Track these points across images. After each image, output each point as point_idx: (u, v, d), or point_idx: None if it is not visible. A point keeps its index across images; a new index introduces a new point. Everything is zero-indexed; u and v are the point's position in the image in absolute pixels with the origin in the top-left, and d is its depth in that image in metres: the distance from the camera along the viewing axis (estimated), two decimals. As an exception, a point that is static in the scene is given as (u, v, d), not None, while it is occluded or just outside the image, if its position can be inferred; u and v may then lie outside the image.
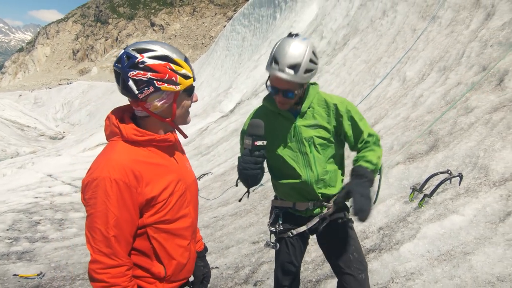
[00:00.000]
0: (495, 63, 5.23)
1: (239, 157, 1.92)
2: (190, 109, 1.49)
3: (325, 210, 1.99)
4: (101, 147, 20.97)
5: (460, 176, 3.36)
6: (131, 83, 1.29)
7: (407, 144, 4.77)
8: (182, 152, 1.58)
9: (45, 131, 43.18)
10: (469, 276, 2.28)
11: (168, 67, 1.30)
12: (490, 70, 5.14)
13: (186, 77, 1.35)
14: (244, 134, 1.96)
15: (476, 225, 2.71)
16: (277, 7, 20.98)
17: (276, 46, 1.78)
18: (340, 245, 1.95)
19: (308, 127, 1.89)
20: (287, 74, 1.72)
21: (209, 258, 4.36)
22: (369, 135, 1.92)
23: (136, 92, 1.30)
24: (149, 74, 1.28)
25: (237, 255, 4.19)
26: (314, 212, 2.00)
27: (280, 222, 2.03)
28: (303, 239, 2.09)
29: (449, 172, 3.49)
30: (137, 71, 1.28)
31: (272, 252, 3.91)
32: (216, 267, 3.98)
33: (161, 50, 1.31)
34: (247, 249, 4.26)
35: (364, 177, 1.77)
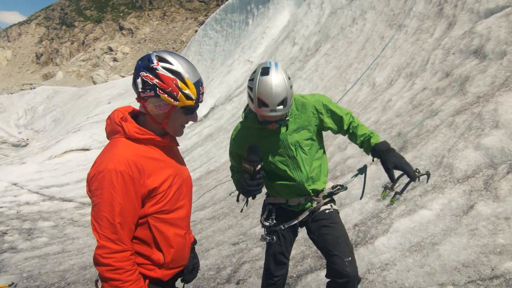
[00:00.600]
0: (459, 70, 5.61)
1: (233, 176, 2.19)
2: None
3: (314, 204, 2.17)
4: (69, 154, 20.33)
5: (428, 174, 3.60)
6: (139, 80, 1.43)
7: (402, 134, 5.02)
8: (177, 150, 1.68)
9: (7, 138, 41.14)
10: (438, 264, 2.48)
11: (174, 82, 1.42)
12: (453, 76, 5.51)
13: (188, 97, 1.46)
14: (232, 154, 2.17)
15: (442, 218, 2.94)
16: (250, 13, 21.22)
17: (257, 87, 1.85)
18: (327, 231, 2.10)
19: (292, 132, 2.06)
20: (279, 111, 1.88)
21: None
22: (346, 114, 2.15)
23: (140, 90, 1.44)
24: (155, 81, 1.41)
25: (217, 256, 4.25)
26: (306, 206, 2.18)
27: (274, 217, 2.18)
28: (293, 231, 2.25)
29: (418, 171, 3.72)
30: (147, 74, 1.41)
31: (253, 251, 4.02)
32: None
33: (176, 66, 1.43)
34: (228, 250, 4.33)
35: (389, 149, 2.08)
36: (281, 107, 1.87)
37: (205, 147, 12.16)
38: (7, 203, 10.46)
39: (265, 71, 1.86)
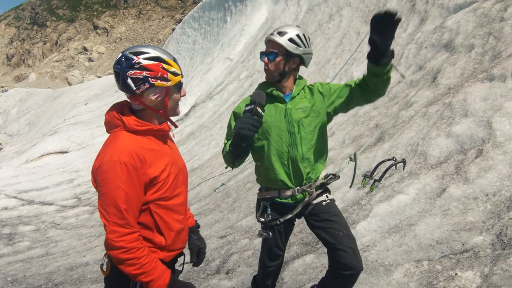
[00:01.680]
0: (431, 63, 5.88)
1: (224, 149, 2.13)
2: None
3: (307, 197, 2.16)
4: (47, 157, 19.85)
5: (404, 162, 3.81)
6: (129, 81, 1.52)
7: (363, 147, 5.22)
8: (172, 141, 1.79)
9: (-20, 143, 39.72)
10: (414, 242, 2.67)
11: (160, 66, 1.54)
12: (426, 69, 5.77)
13: (175, 74, 1.60)
14: (235, 114, 2.17)
15: (418, 201, 3.14)
16: (227, 11, 21.24)
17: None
18: (328, 224, 2.11)
19: (298, 109, 2.11)
20: (275, 36, 2.07)
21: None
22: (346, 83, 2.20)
23: (134, 88, 1.53)
24: (144, 73, 1.52)
25: (206, 249, 4.35)
26: (299, 198, 2.16)
27: (269, 212, 2.18)
28: (289, 224, 2.27)
29: (394, 159, 3.93)
30: (134, 71, 1.51)
31: (241, 243, 4.14)
32: (187, 262, 4.11)
33: (153, 52, 1.55)
34: (215, 243, 4.44)
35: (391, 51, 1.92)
36: (278, 35, 2.06)
37: (188, 145, 12.17)
38: (-17, 209, 10.20)
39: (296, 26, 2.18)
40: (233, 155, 2.03)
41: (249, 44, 16.18)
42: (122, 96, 1.61)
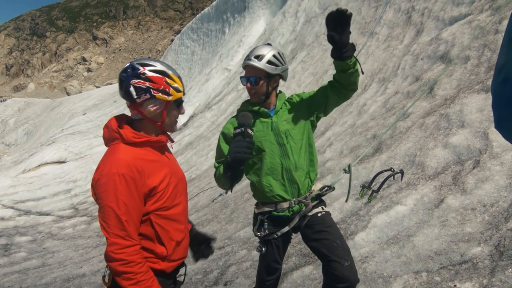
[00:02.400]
0: (428, 74, 5.95)
1: (216, 172, 2.15)
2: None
3: (304, 208, 2.18)
4: (44, 167, 19.77)
5: (402, 173, 3.82)
6: (132, 89, 1.56)
7: (360, 157, 5.24)
8: (170, 152, 1.80)
9: (-23, 153, 39.54)
10: (413, 253, 2.67)
11: (164, 80, 1.59)
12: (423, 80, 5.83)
13: (177, 90, 1.64)
14: (224, 134, 2.22)
15: (416, 212, 3.14)
16: (226, 22, 21.44)
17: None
18: (323, 236, 2.12)
19: (283, 121, 2.19)
20: (253, 61, 2.10)
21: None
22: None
23: (135, 97, 1.57)
24: (147, 83, 1.56)
25: (203, 261, 4.32)
26: (295, 209, 2.18)
27: (265, 227, 2.20)
28: (286, 238, 2.28)
29: (392, 169, 3.94)
30: (138, 80, 1.56)
31: (239, 254, 4.12)
32: (185, 274, 4.08)
33: (159, 66, 1.60)
34: (214, 254, 4.40)
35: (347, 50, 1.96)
36: (255, 59, 2.10)
37: (186, 156, 12.16)
38: (-20, 220, 10.12)
39: (267, 44, 2.20)
40: (231, 179, 2.04)
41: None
42: (120, 107, 1.62)
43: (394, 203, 3.41)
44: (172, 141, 1.77)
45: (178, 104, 1.69)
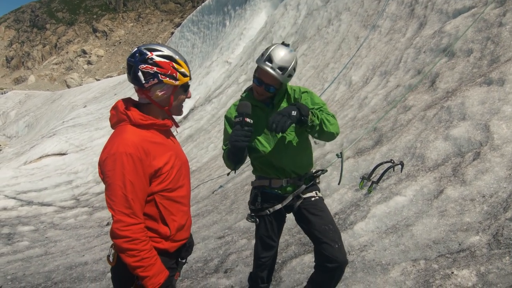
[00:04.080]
0: (430, 67, 5.94)
1: (224, 154, 2.25)
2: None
3: (297, 189, 2.29)
4: (45, 159, 19.82)
5: (402, 164, 3.85)
6: (140, 74, 1.59)
7: (355, 141, 5.26)
8: (174, 137, 1.83)
9: (-22, 145, 39.63)
10: (411, 242, 2.70)
11: (171, 65, 1.62)
12: (425, 73, 5.83)
13: (184, 75, 1.67)
14: (227, 118, 2.30)
15: (415, 203, 3.17)
16: (226, 15, 21.34)
17: (273, 48, 2.12)
18: (315, 219, 2.22)
19: None
20: (277, 73, 2.09)
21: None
22: (327, 113, 2.24)
23: (143, 81, 1.60)
24: (155, 69, 1.59)
25: (204, 249, 4.37)
26: (288, 190, 2.29)
27: (259, 200, 2.31)
28: (280, 217, 2.38)
29: (392, 161, 3.97)
30: (146, 65, 1.59)
31: (239, 243, 4.16)
32: (185, 262, 4.13)
33: (166, 51, 1.63)
34: (214, 243, 4.45)
35: (295, 105, 2.07)
36: (280, 71, 2.09)
37: (186, 148, 12.19)
38: (-17, 210, 10.19)
39: (284, 44, 2.16)
40: (234, 162, 2.20)
41: (248, 48, 16.26)
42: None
43: (394, 194, 3.44)
44: (177, 125, 1.83)
45: (185, 89, 1.72)
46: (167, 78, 1.61)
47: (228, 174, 2.66)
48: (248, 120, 2.01)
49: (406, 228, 2.87)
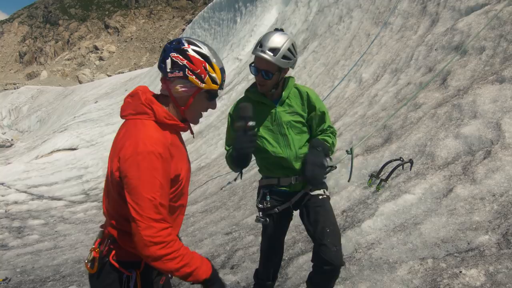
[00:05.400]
0: (441, 65, 5.85)
1: (227, 155, 2.23)
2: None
3: (306, 186, 2.26)
4: (56, 153, 20.11)
5: (411, 162, 3.81)
6: (169, 61, 1.47)
7: (364, 138, 5.22)
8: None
9: (-9, 139, 40.38)
10: (419, 241, 2.67)
11: (203, 65, 1.49)
12: (437, 71, 5.75)
13: (214, 81, 1.52)
14: (231, 116, 2.27)
15: (424, 201, 3.13)
16: (237, 11, 21.32)
17: (264, 34, 2.11)
18: (318, 218, 2.19)
19: (286, 113, 2.21)
20: (268, 55, 2.03)
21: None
22: (329, 126, 2.29)
23: (168, 70, 1.48)
24: (185, 62, 1.47)
25: (211, 245, 4.39)
26: (297, 187, 2.28)
27: (268, 199, 2.28)
28: (287, 214, 2.37)
29: (401, 159, 3.93)
30: (178, 55, 1.47)
31: (246, 239, 4.17)
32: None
33: (205, 50, 1.50)
34: (221, 239, 4.47)
35: (318, 147, 2.11)
36: (270, 53, 2.02)
37: (195, 144, 12.24)
38: (-5, 203, 10.39)
39: (277, 29, 2.12)
40: (239, 167, 2.17)
41: (258, 45, 16.22)
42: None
43: (402, 192, 3.41)
44: (192, 132, 1.68)
45: (210, 96, 1.56)
46: (194, 76, 1.47)
47: (235, 179, 2.63)
48: (250, 123, 1.91)
49: (414, 227, 2.84)
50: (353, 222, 3.33)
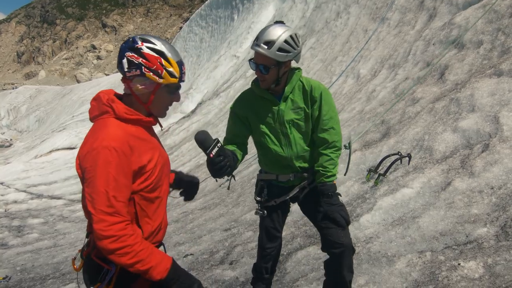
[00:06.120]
0: (438, 59, 5.84)
1: (224, 141, 2.21)
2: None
3: (304, 182, 2.25)
4: (55, 153, 20.11)
5: (409, 156, 3.81)
6: (125, 61, 1.50)
7: (361, 133, 5.22)
8: (156, 135, 1.76)
9: (-10, 139, 40.36)
10: (418, 234, 2.67)
11: (159, 60, 1.50)
12: (433, 65, 5.74)
13: (171, 75, 1.54)
14: (232, 110, 2.25)
15: (422, 195, 3.13)
16: (235, 9, 21.25)
17: (261, 29, 2.04)
18: (320, 207, 2.14)
19: (290, 110, 2.12)
20: (262, 48, 1.95)
21: (183, 248, 4.52)
22: (334, 141, 2.15)
23: (125, 70, 1.51)
24: (140, 60, 1.49)
25: (210, 242, 4.38)
26: (295, 183, 2.25)
27: (265, 192, 2.27)
28: (285, 207, 2.35)
29: (400, 153, 3.93)
30: (132, 53, 1.49)
31: (245, 235, 4.17)
32: (191, 254, 4.16)
33: (160, 46, 1.52)
34: (220, 236, 4.47)
35: (332, 195, 2.09)
36: (265, 46, 1.94)
37: (194, 142, 12.17)
38: (-6, 202, 10.38)
39: (279, 22, 2.04)
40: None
41: (256, 42, 16.19)
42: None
43: (401, 186, 3.40)
44: (161, 126, 1.70)
45: (171, 90, 1.59)
46: (151, 73, 1.50)
47: (228, 180, 2.57)
48: (214, 152, 1.79)
49: (412, 220, 2.84)
50: (352, 217, 3.33)
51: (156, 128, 1.78)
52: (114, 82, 41.89)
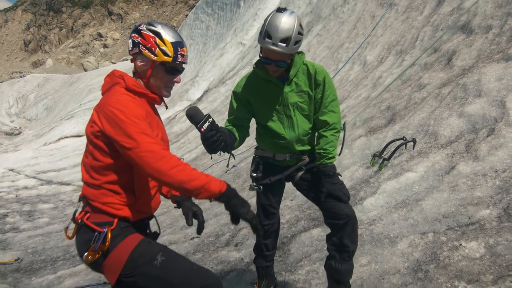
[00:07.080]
0: (447, 45, 5.78)
1: (226, 123, 2.25)
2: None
3: (299, 162, 2.30)
4: (64, 140, 20.32)
5: (414, 141, 3.81)
6: (130, 41, 1.71)
7: (359, 112, 5.22)
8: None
9: (0, 127, 40.91)
10: (420, 216, 2.70)
11: (153, 39, 1.66)
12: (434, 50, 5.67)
13: (164, 53, 1.66)
14: (234, 93, 2.29)
15: (426, 178, 3.15)
16: (241, -5, 21.06)
17: (268, 21, 1.97)
18: (323, 186, 2.16)
19: (294, 93, 2.16)
20: (280, 47, 1.93)
21: (189, 231, 4.61)
22: (334, 123, 2.21)
23: (130, 48, 1.72)
24: (139, 39, 1.67)
25: (216, 225, 4.46)
26: (290, 163, 2.30)
27: (261, 169, 2.32)
28: (280, 185, 2.41)
29: (404, 138, 3.94)
30: (135, 34, 1.69)
31: (250, 218, 4.23)
32: (198, 236, 4.24)
33: (159, 28, 1.68)
34: (225, 219, 4.54)
35: (332, 174, 2.15)
36: (283, 44, 1.92)
37: (200, 129, 12.27)
38: (5, 188, 10.58)
39: (281, 10, 1.99)
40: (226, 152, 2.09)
41: (262, 29, 16.07)
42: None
43: (405, 170, 3.42)
44: (166, 106, 1.88)
45: (167, 70, 1.69)
46: (146, 51, 1.65)
47: (234, 166, 2.61)
48: (205, 126, 1.80)
49: (415, 203, 2.87)
50: (355, 200, 3.37)
51: (163, 116, 1.84)
52: (121, 70, 41.89)
